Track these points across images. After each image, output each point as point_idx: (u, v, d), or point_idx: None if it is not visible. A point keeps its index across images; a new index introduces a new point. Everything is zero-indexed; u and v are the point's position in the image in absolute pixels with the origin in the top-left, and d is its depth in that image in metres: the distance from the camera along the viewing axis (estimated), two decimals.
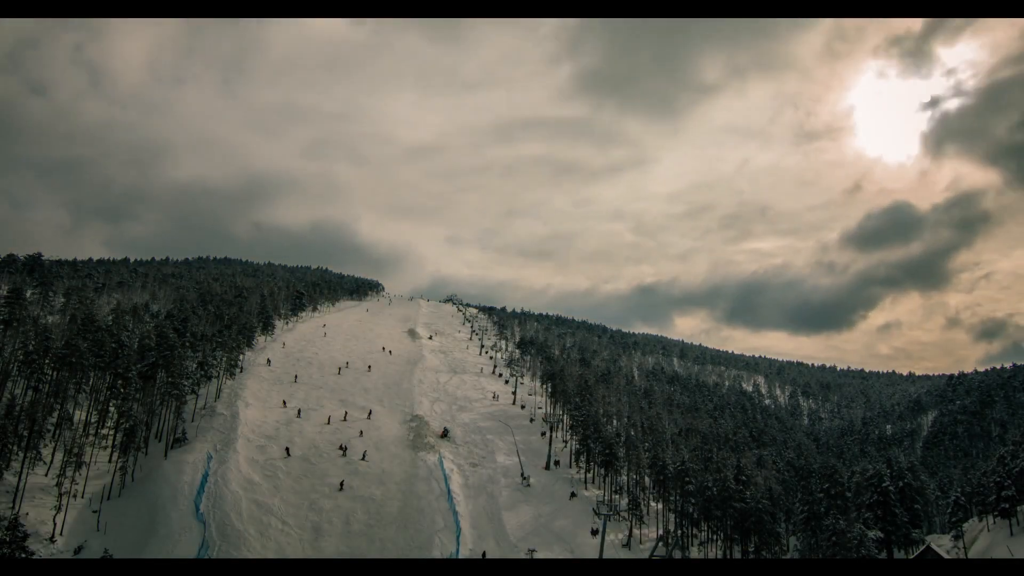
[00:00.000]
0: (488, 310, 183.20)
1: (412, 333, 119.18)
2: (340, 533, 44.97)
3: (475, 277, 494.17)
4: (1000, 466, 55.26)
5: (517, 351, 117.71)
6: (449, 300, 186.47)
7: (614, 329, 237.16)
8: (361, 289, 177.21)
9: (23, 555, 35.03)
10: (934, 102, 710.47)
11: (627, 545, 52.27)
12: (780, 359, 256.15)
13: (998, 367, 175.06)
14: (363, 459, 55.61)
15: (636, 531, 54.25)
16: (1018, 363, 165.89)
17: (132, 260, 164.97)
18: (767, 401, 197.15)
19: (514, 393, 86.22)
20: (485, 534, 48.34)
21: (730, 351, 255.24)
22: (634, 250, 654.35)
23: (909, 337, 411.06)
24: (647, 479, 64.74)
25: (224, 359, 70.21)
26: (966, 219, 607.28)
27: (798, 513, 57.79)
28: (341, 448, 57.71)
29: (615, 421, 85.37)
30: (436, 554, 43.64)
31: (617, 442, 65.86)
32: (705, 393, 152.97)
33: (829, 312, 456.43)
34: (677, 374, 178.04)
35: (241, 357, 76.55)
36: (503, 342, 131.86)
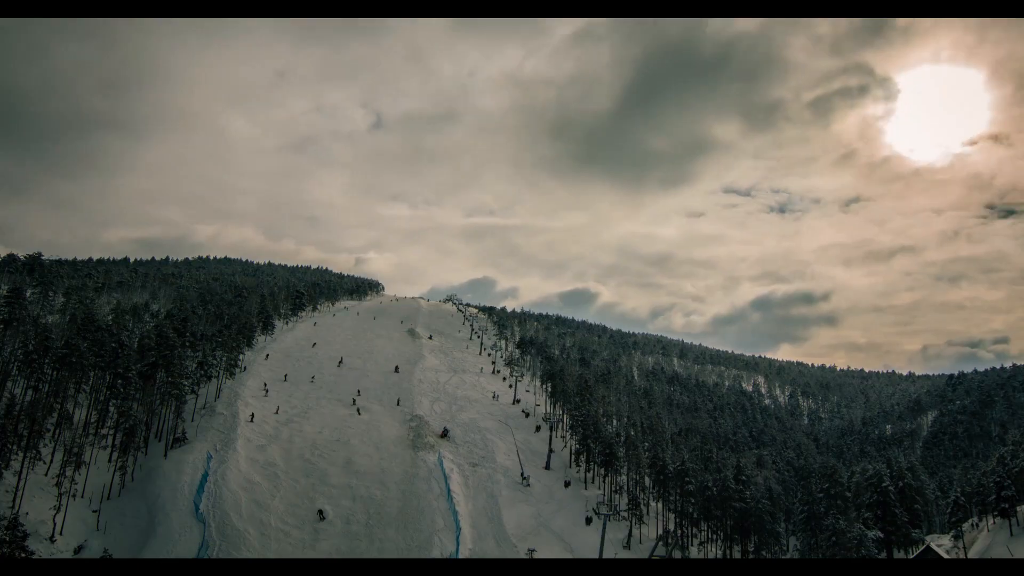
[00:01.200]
0: (488, 310, 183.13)
1: (412, 333, 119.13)
2: (340, 533, 44.97)
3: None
4: (1000, 466, 55.29)
5: (517, 351, 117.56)
6: (449, 300, 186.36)
7: (614, 329, 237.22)
8: (361, 289, 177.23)
9: (23, 555, 35.00)
10: None
11: (627, 545, 52.29)
12: (780, 359, 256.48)
13: (998, 367, 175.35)
14: (360, 462, 55.58)
15: (636, 531, 54.27)
16: (1018, 363, 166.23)
17: (132, 260, 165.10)
18: (767, 401, 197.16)
19: (514, 393, 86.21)
20: (485, 534, 48.35)
21: (730, 351, 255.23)
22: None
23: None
24: (647, 479, 64.79)
25: (224, 359, 70.19)
26: None
27: (798, 513, 57.87)
28: (340, 448, 57.72)
29: (615, 421, 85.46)
30: (436, 554, 43.63)
31: (617, 442, 65.91)
32: (705, 393, 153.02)
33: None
34: (677, 374, 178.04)
35: (241, 357, 76.54)
36: (503, 342, 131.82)
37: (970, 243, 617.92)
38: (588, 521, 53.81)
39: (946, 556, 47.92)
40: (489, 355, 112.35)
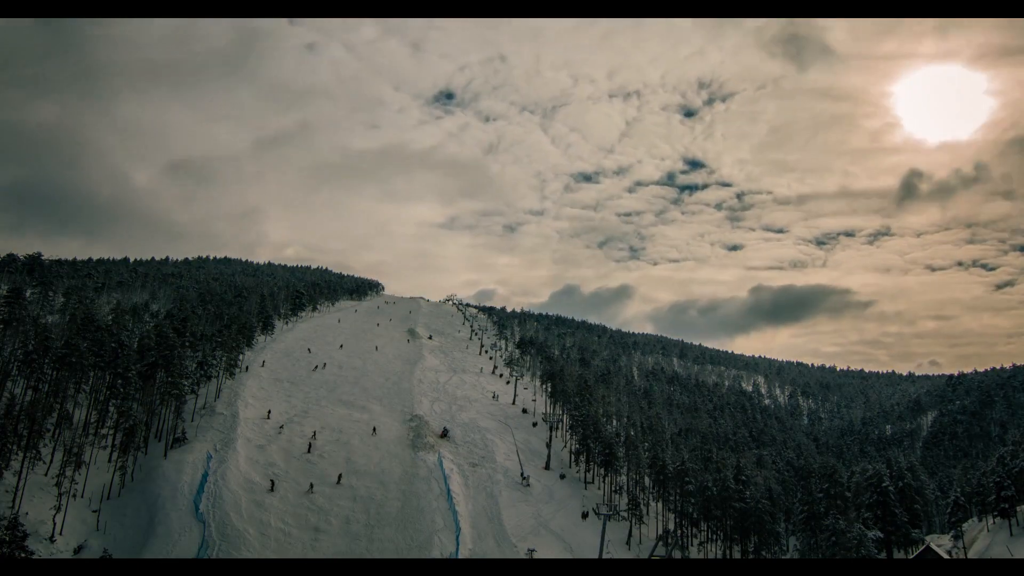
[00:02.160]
0: (488, 310, 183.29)
1: (412, 333, 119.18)
2: (340, 533, 44.98)
3: None
4: (1000, 466, 55.35)
5: (517, 351, 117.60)
6: (449, 300, 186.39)
7: (614, 329, 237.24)
8: (361, 289, 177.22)
9: (22, 555, 35.01)
10: None
11: (627, 544, 52.30)
12: (780, 359, 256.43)
13: (998, 367, 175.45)
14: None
15: (636, 530, 54.29)
16: (1017, 363, 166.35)
17: (132, 260, 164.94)
18: (767, 401, 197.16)
19: (514, 393, 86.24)
20: (484, 534, 48.35)
21: (730, 351, 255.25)
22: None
23: None
24: (647, 479, 64.83)
25: (224, 359, 70.20)
26: None
27: (798, 513, 57.83)
28: (340, 448, 57.76)
29: (615, 421, 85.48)
30: (436, 554, 43.63)
31: (617, 442, 65.91)
32: (705, 393, 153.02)
33: None
34: (677, 374, 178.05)
35: (241, 357, 76.53)
36: (503, 342, 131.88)
37: (987, 271, 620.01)
38: (584, 516, 53.83)
39: (946, 556, 47.91)
40: (489, 355, 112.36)
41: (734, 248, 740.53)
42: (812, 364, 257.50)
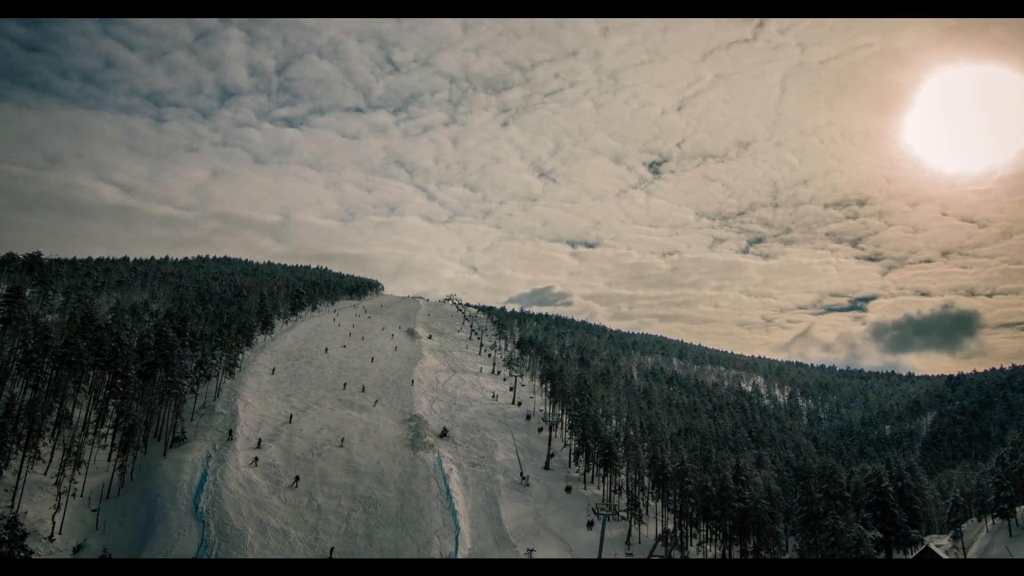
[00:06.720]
0: (487, 310, 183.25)
1: (411, 333, 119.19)
2: (339, 533, 44.95)
3: None
4: (999, 467, 55.42)
5: (516, 351, 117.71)
6: (448, 300, 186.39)
7: (613, 329, 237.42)
8: (360, 289, 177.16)
9: (22, 554, 34.97)
10: None
11: (627, 544, 52.30)
12: (779, 359, 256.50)
13: (997, 368, 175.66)
14: (360, 459, 55.52)
15: (635, 530, 54.28)
16: (1017, 364, 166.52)
17: (131, 259, 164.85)
18: (766, 401, 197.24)
19: (513, 393, 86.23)
20: (484, 533, 48.36)
21: (729, 351, 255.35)
22: None
23: None
24: (646, 479, 64.83)
25: (223, 358, 70.19)
26: None
27: (797, 513, 57.80)
28: (340, 447, 57.76)
29: (614, 421, 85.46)
30: (435, 554, 43.64)
31: (616, 442, 65.94)
32: (704, 393, 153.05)
33: None
34: (676, 374, 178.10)
35: (240, 356, 76.51)
36: (502, 342, 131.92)
37: None
38: (589, 525, 53.74)
39: (945, 556, 47.96)
40: (489, 355, 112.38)
41: None
42: (811, 364, 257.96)
